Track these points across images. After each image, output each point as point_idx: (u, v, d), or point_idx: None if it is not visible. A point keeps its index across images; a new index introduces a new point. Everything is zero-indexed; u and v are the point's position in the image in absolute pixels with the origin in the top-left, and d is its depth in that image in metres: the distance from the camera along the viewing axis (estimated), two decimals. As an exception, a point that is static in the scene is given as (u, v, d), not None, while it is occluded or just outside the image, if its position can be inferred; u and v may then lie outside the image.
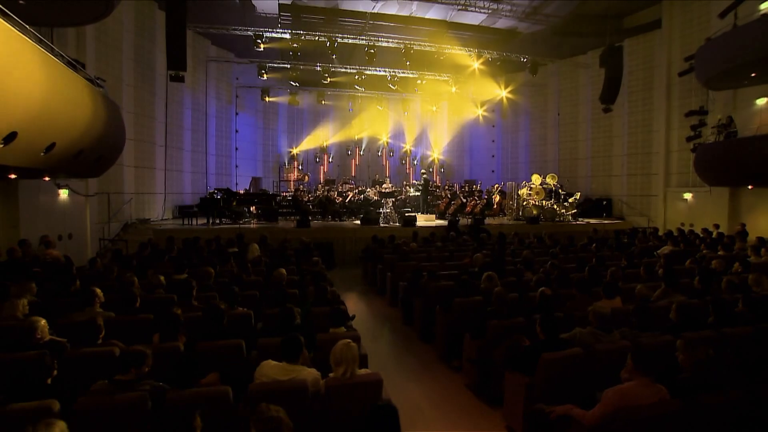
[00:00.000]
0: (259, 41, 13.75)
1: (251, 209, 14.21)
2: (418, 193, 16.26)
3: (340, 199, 15.36)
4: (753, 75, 10.73)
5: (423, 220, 13.68)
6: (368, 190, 16.42)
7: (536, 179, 14.83)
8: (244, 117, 18.85)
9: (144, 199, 13.20)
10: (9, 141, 4.38)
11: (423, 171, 17.17)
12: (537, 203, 14.19)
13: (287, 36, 14.40)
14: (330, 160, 21.86)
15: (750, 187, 11.26)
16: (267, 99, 18.32)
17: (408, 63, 15.52)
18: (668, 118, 13.80)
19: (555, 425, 2.99)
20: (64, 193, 9.86)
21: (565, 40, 15.65)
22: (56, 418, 2.44)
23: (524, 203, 14.43)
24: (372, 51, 14.83)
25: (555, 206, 14.10)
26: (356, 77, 16.97)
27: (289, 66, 16.46)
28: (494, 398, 4.04)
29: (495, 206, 15.95)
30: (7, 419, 2.43)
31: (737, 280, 5.22)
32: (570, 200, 14.37)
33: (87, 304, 4.31)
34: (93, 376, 3.15)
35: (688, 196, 13.18)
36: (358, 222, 13.31)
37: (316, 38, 14.38)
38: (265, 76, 16.18)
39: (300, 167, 20.70)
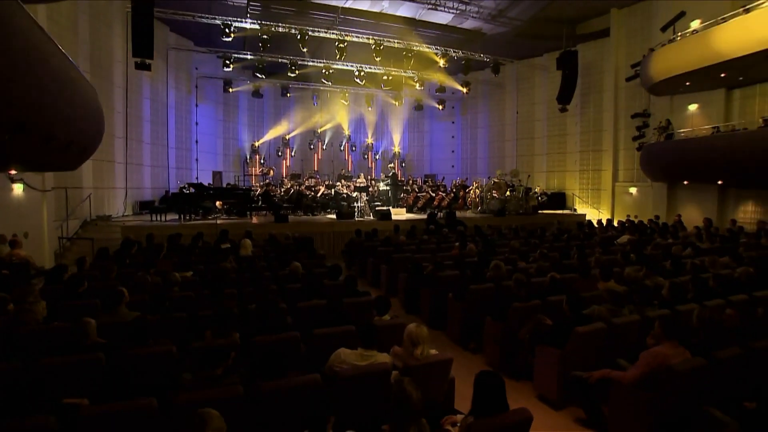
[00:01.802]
0: (228, 31, 13.21)
1: (217, 204, 13.64)
2: (388, 188, 16.58)
3: (311, 193, 15.28)
4: (687, 84, 12.26)
5: (395, 214, 14.03)
6: (337, 184, 16.46)
7: (500, 174, 15.73)
8: (204, 109, 17.99)
9: (102, 194, 12.29)
10: (17, 133, 4.07)
11: (391, 164, 17.47)
12: (500, 197, 15.06)
13: (256, 26, 13.96)
14: (293, 154, 21.51)
15: (685, 182, 12.84)
16: (231, 90, 17.63)
17: (378, 59, 15.69)
18: (616, 118, 15.24)
19: (592, 388, 3.47)
20: (18, 188, 8.99)
21: (524, 42, 16.66)
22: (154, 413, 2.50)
23: (488, 197, 15.24)
24: (342, 45, 14.82)
25: (519, 199, 15.06)
26: (324, 71, 16.84)
27: (251, 56, 15.96)
28: (519, 373, 4.49)
29: (460, 200, 16.68)
30: (111, 418, 2.42)
31: (698, 262, 6.12)
32: (531, 193, 15.42)
33: (114, 305, 4.15)
34: (157, 376, 3.16)
35: (633, 190, 14.71)
36: (333, 216, 13.37)
37: (288, 30, 14.07)
38: (231, 66, 15.57)
39: (263, 161, 20.19)
